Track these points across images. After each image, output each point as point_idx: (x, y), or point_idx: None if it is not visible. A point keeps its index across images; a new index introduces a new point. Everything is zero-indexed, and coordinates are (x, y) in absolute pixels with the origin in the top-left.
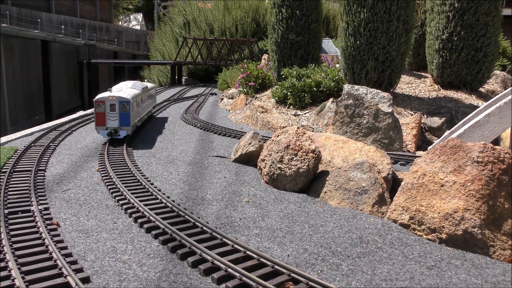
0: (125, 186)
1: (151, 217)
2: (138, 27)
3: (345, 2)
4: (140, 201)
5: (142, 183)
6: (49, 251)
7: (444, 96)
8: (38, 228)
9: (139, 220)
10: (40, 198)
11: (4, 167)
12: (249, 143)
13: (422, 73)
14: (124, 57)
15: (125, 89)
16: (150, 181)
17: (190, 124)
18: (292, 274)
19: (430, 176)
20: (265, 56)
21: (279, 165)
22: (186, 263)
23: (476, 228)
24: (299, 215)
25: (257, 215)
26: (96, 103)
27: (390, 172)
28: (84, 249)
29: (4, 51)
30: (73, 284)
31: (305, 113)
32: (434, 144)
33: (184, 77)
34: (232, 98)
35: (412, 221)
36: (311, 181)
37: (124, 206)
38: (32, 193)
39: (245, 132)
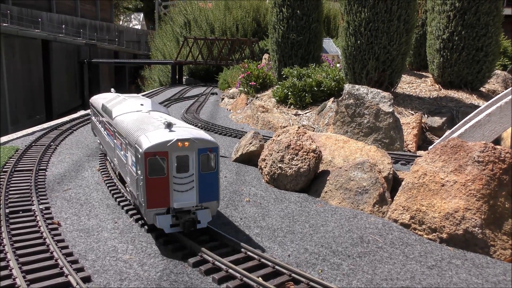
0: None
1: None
2: (139, 27)
3: (346, 2)
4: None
5: None
6: (50, 251)
7: (445, 95)
8: (39, 227)
9: (140, 221)
10: (41, 197)
11: (5, 167)
12: (250, 143)
13: (423, 73)
14: (125, 57)
15: (165, 117)
16: None
17: (190, 123)
18: (293, 275)
19: (431, 175)
20: (265, 55)
21: (280, 165)
22: (187, 263)
23: (477, 228)
24: (299, 215)
25: (258, 214)
26: (146, 157)
27: (391, 172)
28: (85, 248)
29: (5, 51)
30: (74, 284)
31: (305, 113)
32: (435, 143)
33: (184, 77)
34: (233, 97)
35: (413, 220)
36: (311, 180)
37: (125, 208)
38: (33, 192)
39: (246, 132)
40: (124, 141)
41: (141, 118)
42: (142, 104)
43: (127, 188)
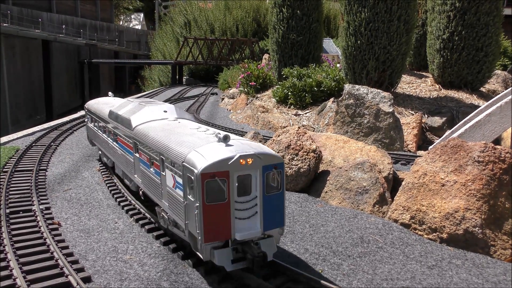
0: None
1: (152, 219)
2: (139, 27)
3: (346, 2)
4: (141, 202)
5: None
6: (50, 251)
7: (445, 95)
8: (40, 227)
9: (140, 222)
10: (41, 197)
11: (6, 167)
12: None
13: (423, 73)
14: (125, 57)
15: (203, 126)
16: None
17: None
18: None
19: (431, 175)
20: (266, 56)
21: None
22: (187, 263)
23: (477, 228)
24: (300, 215)
25: None
26: (203, 180)
27: (391, 172)
28: (85, 248)
29: (5, 51)
30: (74, 284)
31: (306, 113)
32: (435, 143)
33: (185, 77)
34: (233, 98)
35: (413, 220)
36: (312, 181)
37: (125, 208)
38: (33, 192)
39: (246, 132)
40: (159, 157)
41: (175, 129)
42: (165, 111)
43: (161, 214)
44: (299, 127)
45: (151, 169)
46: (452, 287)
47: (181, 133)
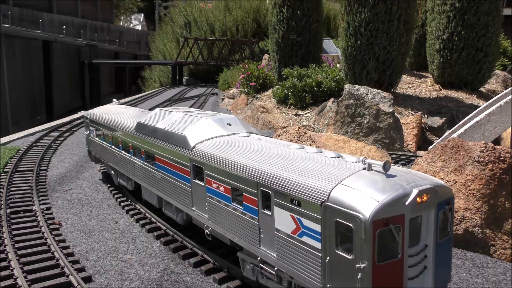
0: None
1: (152, 219)
2: (139, 27)
3: (346, 2)
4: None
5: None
6: (51, 251)
7: (445, 96)
8: (40, 227)
9: (141, 222)
10: (42, 198)
11: (6, 167)
12: None
13: (423, 73)
14: (125, 57)
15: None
16: None
17: None
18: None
19: (431, 175)
20: (266, 56)
21: None
22: (187, 263)
23: (477, 228)
24: None
25: None
26: (375, 230)
27: None
28: (86, 248)
29: (6, 51)
30: (75, 283)
31: (306, 113)
32: (435, 143)
33: (185, 77)
34: (233, 98)
35: None
36: None
37: (126, 208)
38: (34, 193)
39: None
40: (257, 189)
41: (269, 150)
42: (229, 124)
43: (250, 264)
44: (299, 127)
45: (235, 203)
46: (452, 287)
47: (289, 157)
